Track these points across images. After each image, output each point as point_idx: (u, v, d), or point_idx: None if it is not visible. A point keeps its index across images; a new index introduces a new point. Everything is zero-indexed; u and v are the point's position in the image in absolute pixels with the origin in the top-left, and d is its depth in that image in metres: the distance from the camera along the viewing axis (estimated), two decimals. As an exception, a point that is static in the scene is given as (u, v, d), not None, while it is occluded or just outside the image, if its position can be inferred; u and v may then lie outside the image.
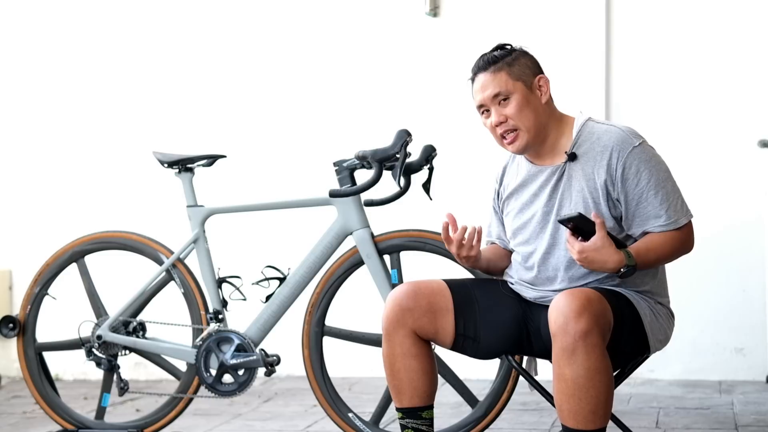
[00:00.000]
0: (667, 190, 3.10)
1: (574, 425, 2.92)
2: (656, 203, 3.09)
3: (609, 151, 3.11)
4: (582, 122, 3.19)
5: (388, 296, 3.27)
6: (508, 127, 3.15)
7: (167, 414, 4.12)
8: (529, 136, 3.15)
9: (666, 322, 3.19)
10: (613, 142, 3.11)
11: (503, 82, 3.15)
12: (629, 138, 3.12)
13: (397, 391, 3.21)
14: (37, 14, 5.90)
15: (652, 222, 3.10)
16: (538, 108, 3.16)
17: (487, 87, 3.16)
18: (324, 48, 5.64)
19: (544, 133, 3.17)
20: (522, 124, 3.14)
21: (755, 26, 5.25)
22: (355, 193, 3.83)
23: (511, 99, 3.14)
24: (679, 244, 3.11)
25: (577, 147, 3.15)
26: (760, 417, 4.43)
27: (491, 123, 3.17)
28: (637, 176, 3.09)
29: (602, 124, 3.19)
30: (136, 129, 5.80)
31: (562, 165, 3.16)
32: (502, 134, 3.17)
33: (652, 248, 3.08)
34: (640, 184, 3.09)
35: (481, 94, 3.18)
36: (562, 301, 2.92)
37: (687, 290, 5.15)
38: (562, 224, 3.04)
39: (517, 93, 3.14)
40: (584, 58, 5.33)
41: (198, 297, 4.09)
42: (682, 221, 3.11)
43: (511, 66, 3.16)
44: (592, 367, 2.88)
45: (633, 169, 3.09)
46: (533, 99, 3.16)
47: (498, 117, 3.15)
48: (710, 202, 5.26)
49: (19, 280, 5.87)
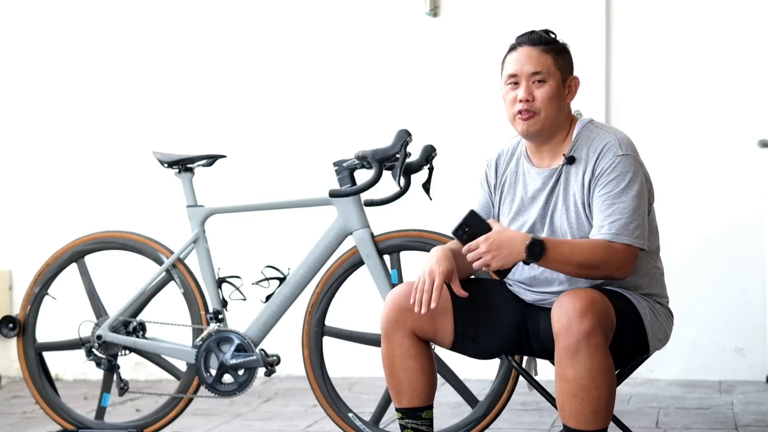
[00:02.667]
0: (624, 206, 3.01)
1: (576, 425, 2.92)
2: (606, 213, 3.02)
3: (596, 155, 3.08)
4: (583, 125, 3.17)
5: (386, 296, 3.25)
6: (530, 107, 3.10)
7: (167, 414, 4.12)
8: (543, 125, 3.11)
9: (665, 322, 3.19)
10: (602, 147, 3.08)
11: (548, 65, 3.11)
12: (617, 146, 3.07)
13: (397, 391, 3.20)
14: (37, 14, 5.90)
15: (594, 231, 3.03)
16: (562, 104, 3.14)
17: (530, 61, 3.11)
18: (324, 48, 5.64)
19: (555, 130, 3.15)
20: (544, 111, 3.10)
21: (755, 26, 5.24)
22: (355, 193, 3.83)
23: (547, 84, 3.11)
24: (604, 257, 2.97)
25: (575, 150, 3.13)
26: (760, 417, 4.43)
27: (516, 96, 3.12)
28: (606, 181, 3.04)
29: (600, 128, 3.15)
30: (136, 129, 5.80)
31: (559, 168, 3.14)
32: (521, 111, 3.11)
33: (569, 243, 3.00)
34: (602, 191, 3.04)
35: (519, 65, 3.12)
36: (565, 302, 2.91)
37: (687, 290, 5.15)
38: (455, 235, 2.96)
39: (553, 81, 3.12)
40: (584, 58, 5.31)
41: (198, 297, 4.09)
42: (622, 239, 2.99)
43: (558, 54, 3.15)
44: (594, 368, 2.88)
45: (605, 175, 3.05)
46: (562, 94, 3.14)
47: (527, 93, 3.10)
48: (710, 202, 5.26)
49: (19, 280, 5.87)
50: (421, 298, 3.03)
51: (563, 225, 3.11)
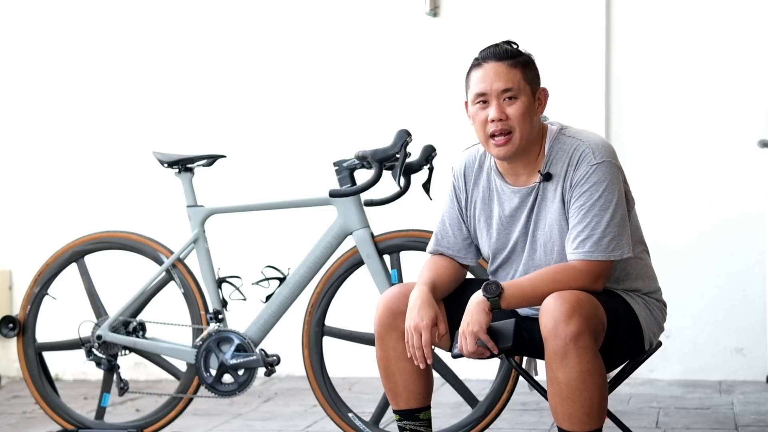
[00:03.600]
0: (598, 220, 2.97)
1: (570, 428, 2.92)
2: (579, 228, 2.97)
3: (574, 167, 3.01)
4: (553, 136, 3.08)
5: (379, 299, 3.21)
6: (504, 127, 3.01)
7: (167, 414, 4.12)
8: (520, 144, 3.02)
9: (659, 314, 3.16)
10: (578, 157, 3.01)
11: (518, 80, 3.01)
12: (591, 154, 3.00)
13: (393, 393, 3.19)
14: (37, 14, 5.90)
15: (568, 246, 2.99)
16: (533, 119, 3.05)
17: (499, 77, 3.00)
18: (324, 48, 5.64)
19: (529, 147, 3.06)
20: (519, 129, 3.01)
21: (755, 26, 5.24)
22: (355, 193, 3.83)
23: (519, 100, 3.01)
24: (569, 279, 2.94)
25: (551, 165, 3.05)
26: (760, 417, 4.43)
27: (487, 117, 3.02)
28: (579, 193, 2.99)
29: (571, 137, 3.06)
30: (136, 129, 5.80)
31: (536, 185, 3.07)
32: (494, 133, 3.02)
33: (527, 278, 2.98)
34: (577, 202, 2.99)
35: (488, 83, 3.02)
36: (552, 305, 2.89)
37: (687, 290, 5.15)
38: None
39: (524, 96, 3.02)
40: (584, 59, 5.33)
41: (198, 297, 4.09)
42: (595, 256, 2.95)
43: (526, 67, 3.04)
44: (584, 370, 2.87)
45: (578, 189, 2.99)
46: (533, 108, 3.05)
47: (499, 113, 3.00)
48: (710, 202, 5.26)
49: (19, 280, 5.87)
50: (415, 354, 3.04)
51: (547, 243, 3.07)
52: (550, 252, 3.07)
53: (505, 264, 3.18)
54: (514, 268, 3.16)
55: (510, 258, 3.16)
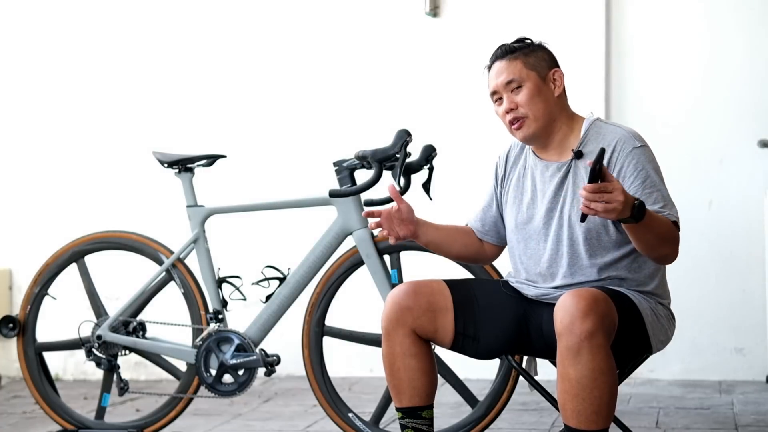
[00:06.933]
0: (663, 193, 3.10)
1: (577, 425, 2.93)
2: (650, 201, 3.05)
3: (611, 150, 3.12)
4: (591, 122, 3.21)
5: (387, 296, 3.26)
6: (517, 115, 3.17)
7: (167, 414, 4.12)
8: (536, 125, 3.17)
9: (667, 323, 3.19)
10: (616, 141, 3.13)
11: (517, 70, 3.18)
12: (632, 139, 3.13)
13: (397, 390, 3.21)
14: (37, 14, 5.90)
15: None
16: (549, 100, 3.19)
17: (501, 74, 3.20)
18: (324, 48, 5.64)
19: (552, 126, 3.19)
20: (531, 112, 3.16)
21: (755, 27, 5.25)
22: (355, 193, 3.83)
23: (524, 87, 3.17)
24: (674, 235, 3.04)
25: (584, 145, 3.16)
26: (760, 417, 4.43)
27: (502, 110, 3.20)
28: (634, 174, 3.09)
29: (609, 125, 3.20)
30: (136, 129, 5.80)
31: (568, 162, 3.17)
32: (511, 121, 3.19)
33: (656, 217, 3.00)
34: (635, 183, 3.08)
35: (495, 81, 3.21)
36: (568, 301, 2.92)
37: (687, 290, 5.15)
38: (594, 168, 2.82)
39: (529, 82, 3.18)
40: (584, 57, 5.33)
41: (198, 297, 4.09)
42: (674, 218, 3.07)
43: (527, 56, 3.20)
44: (596, 368, 2.88)
45: (631, 168, 3.09)
46: (545, 90, 3.19)
47: (509, 104, 3.18)
48: (710, 202, 5.26)
49: (19, 280, 5.87)
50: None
51: (572, 218, 3.13)
52: (573, 229, 3.13)
53: (532, 235, 3.22)
54: (541, 239, 3.19)
55: (537, 230, 3.21)
